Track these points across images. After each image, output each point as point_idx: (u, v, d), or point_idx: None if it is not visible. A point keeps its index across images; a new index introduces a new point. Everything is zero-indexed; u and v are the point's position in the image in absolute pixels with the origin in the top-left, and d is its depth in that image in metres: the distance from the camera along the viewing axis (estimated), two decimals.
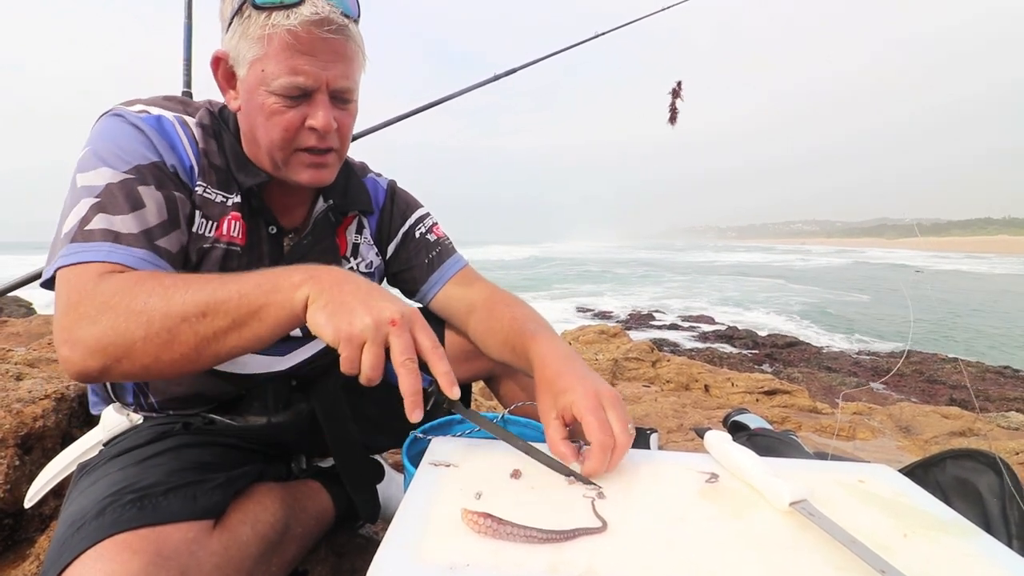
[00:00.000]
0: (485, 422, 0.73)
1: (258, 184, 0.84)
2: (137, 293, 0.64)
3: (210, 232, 0.82)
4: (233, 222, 0.84)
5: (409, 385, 0.64)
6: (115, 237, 0.70)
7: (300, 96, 0.76)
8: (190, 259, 0.82)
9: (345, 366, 0.64)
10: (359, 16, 0.80)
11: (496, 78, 2.24)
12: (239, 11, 0.74)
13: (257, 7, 0.73)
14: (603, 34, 2.42)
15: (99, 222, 0.70)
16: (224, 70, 0.80)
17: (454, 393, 0.67)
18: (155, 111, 0.80)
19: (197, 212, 0.81)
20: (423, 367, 0.67)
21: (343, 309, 0.63)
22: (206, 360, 0.67)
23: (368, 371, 0.63)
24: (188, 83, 1.81)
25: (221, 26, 0.80)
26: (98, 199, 0.71)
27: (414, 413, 0.64)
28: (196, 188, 0.81)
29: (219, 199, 0.83)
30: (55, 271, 0.69)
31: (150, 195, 0.74)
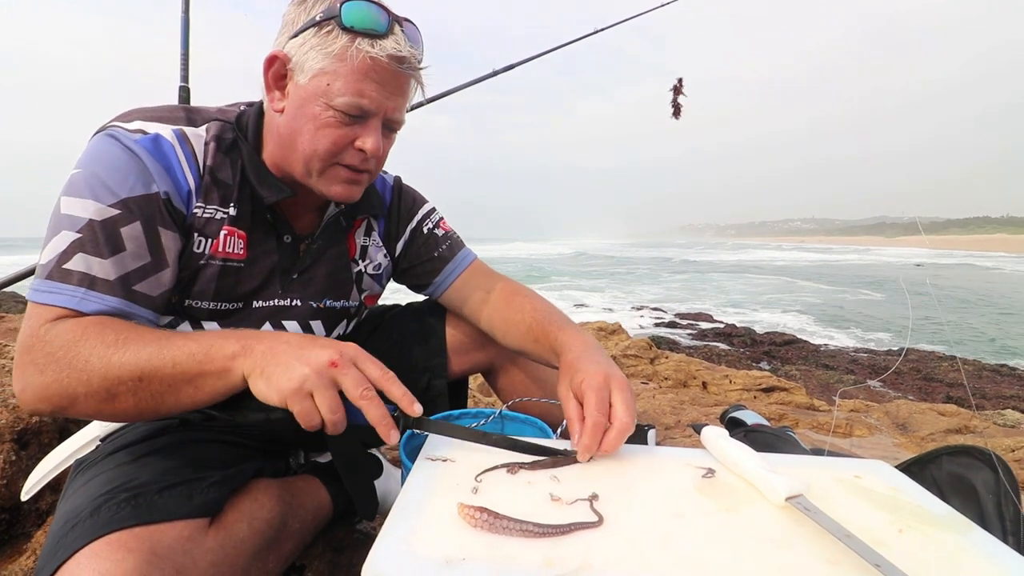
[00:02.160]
0: (457, 430, 0.73)
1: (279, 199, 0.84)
2: (79, 350, 0.65)
3: (207, 249, 0.81)
4: (229, 237, 0.83)
5: (375, 414, 0.65)
6: (91, 282, 0.69)
7: (357, 117, 0.78)
8: (182, 280, 0.81)
9: (303, 420, 0.64)
10: (423, 60, 0.83)
11: (494, 73, 2.24)
12: (319, 24, 0.75)
13: (344, 28, 0.74)
14: (602, 30, 2.42)
15: (78, 263, 0.69)
16: (277, 71, 0.79)
17: (415, 411, 0.68)
18: (152, 129, 0.76)
19: (195, 234, 0.80)
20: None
21: (279, 370, 0.63)
22: (148, 415, 0.67)
23: (328, 414, 0.63)
24: (185, 77, 1.80)
25: (283, 28, 0.80)
26: (79, 235, 0.69)
27: (390, 436, 0.65)
28: (195, 210, 0.80)
29: (219, 215, 0.82)
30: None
31: (133, 236, 0.72)
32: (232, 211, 0.82)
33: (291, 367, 0.63)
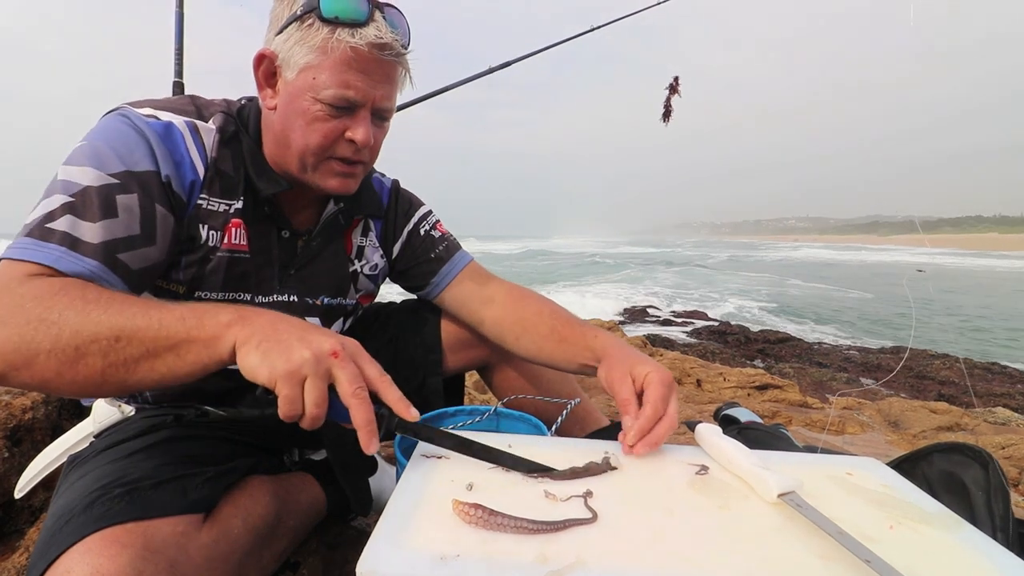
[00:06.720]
0: (446, 438, 0.70)
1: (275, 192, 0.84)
2: (55, 303, 0.60)
3: (217, 242, 0.82)
4: (235, 229, 0.84)
5: (363, 416, 0.61)
6: (72, 243, 0.67)
7: (345, 108, 0.78)
8: (179, 269, 0.81)
9: (284, 407, 0.59)
10: (409, 45, 0.82)
11: (490, 71, 2.23)
12: (300, 18, 0.75)
13: (324, 20, 0.74)
14: (598, 27, 2.41)
15: (64, 223, 0.67)
16: (267, 68, 0.79)
17: (412, 416, 0.65)
18: (165, 117, 0.77)
19: (201, 225, 0.80)
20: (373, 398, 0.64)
21: (278, 347, 0.59)
22: (111, 387, 0.62)
23: (312, 407, 0.59)
24: (179, 73, 1.79)
25: (270, 26, 0.80)
26: (72, 199, 0.68)
27: (370, 444, 0.61)
28: (199, 201, 0.80)
29: (221, 208, 0.82)
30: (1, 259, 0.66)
31: (129, 205, 0.71)
32: (239, 203, 0.83)
33: (291, 347, 0.59)
